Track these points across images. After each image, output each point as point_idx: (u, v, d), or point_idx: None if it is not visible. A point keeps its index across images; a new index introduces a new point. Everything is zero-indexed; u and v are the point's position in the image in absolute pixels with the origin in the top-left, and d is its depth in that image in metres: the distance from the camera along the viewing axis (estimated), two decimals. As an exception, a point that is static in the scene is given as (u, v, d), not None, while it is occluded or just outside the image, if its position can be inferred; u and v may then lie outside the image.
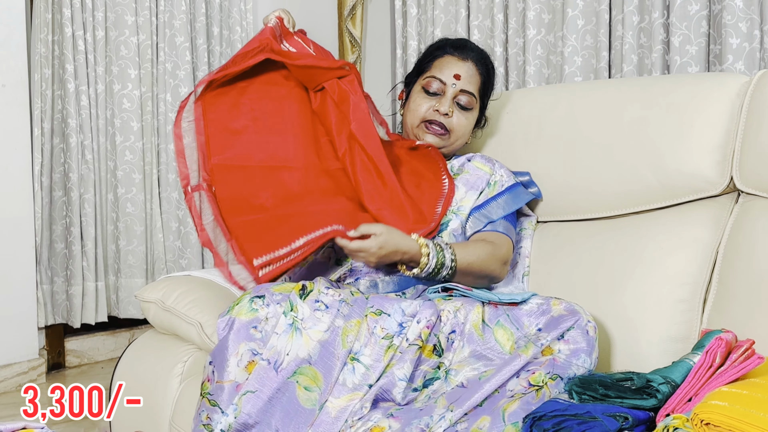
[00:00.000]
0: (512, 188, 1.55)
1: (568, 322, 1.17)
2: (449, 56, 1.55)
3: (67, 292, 2.65)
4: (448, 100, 1.52)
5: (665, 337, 1.33)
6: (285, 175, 1.43)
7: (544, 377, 1.12)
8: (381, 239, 1.28)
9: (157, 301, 1.50)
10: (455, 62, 1.54)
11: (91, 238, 2.64)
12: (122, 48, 2.71)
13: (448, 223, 1.48)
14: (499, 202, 1.51)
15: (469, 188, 1.53)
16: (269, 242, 1.32)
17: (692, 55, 1.90)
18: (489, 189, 1.53)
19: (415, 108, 1.55)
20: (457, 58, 1.54)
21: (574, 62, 2.12)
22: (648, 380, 1.03)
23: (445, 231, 1.48)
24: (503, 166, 1.59)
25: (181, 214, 2.84)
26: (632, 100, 1.51)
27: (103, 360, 2.79)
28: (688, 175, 1.41)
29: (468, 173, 1.55)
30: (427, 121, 1.53)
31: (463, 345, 1.21)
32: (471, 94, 1.54)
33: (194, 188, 1.38)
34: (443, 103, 1.52)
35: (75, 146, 2.60)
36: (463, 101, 1.53)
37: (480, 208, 1.51)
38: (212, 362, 1.16)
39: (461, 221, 1.50)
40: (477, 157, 1.59)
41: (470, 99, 1.54)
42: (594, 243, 1.50)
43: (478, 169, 1.56)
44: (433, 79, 1.54)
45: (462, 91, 1.53)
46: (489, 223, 1.49)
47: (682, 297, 1.35)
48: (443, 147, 1.55)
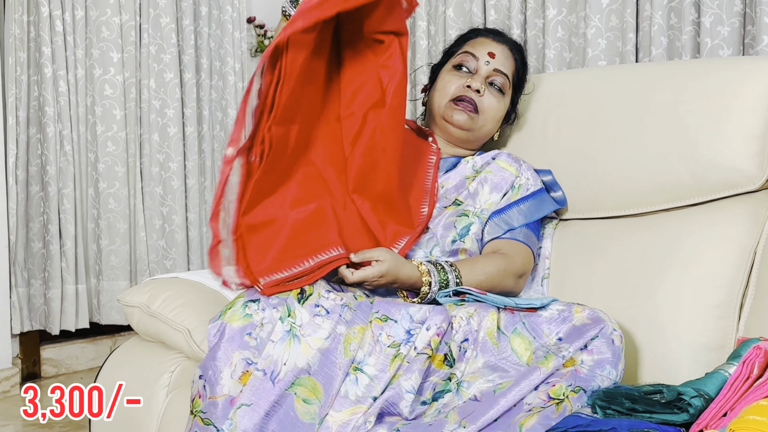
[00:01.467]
0: (538, 193, 1.55)
1: (592, 331, 1.16)
2: (483, 38, 1.59)
3: (45, 295, 2.66)
4: (481, 77, 1.55)
5: (698, 346, 1.32)
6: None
7: (565, 390, 1.12)
8: (383, 267, 1.28)
9: (142, 306, 1.50)
10: (490, 42, 1.58)
11: (71, 236, 2.65)
12: (104, 29, 2.71)
13: (470, 227, 1.48)
14: (521, 209, 1.52)
15: (492, 189, 1.53)
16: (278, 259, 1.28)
17: (724, 37, 1.89)
18: (513, 192, 1.54)
19: (443, 86, 1.57)
20: (492, 39, 1.59)
21: (598, 45, 2.11)
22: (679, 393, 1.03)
23: (466, 236, 1.48)
24: (531, 167, 1.59)
25: (166, 210, 2.84)
26: (662, 86, 1.51)
27: (83, 370, 2.79)
28: (723, 168, 1.41)
29: (491, 173, 1.56)
30: (458, 97, 1.54)
31: (476, 355, 1.21)
32: (505, 76, 1.56)
33: (238, 151, 1.26)
34: (476, 79, 1.55)
35: (53, 137, 2.60)
36: (498, 82, 1.56)
37: (500, 213, 1.51)
38: (203, 376, 1.16)
39: (482, 224, 1.50)
40: (503, 156, 1.59)
41: (504, 80, 1.56)
42: (619, 243, 1.50)
43: (503, 169, 1.56)
44: (467, 54, 1.57)
45: (496, 71, 1.55)
46: (509, 231, 1.49)
47: (717, 301, 1.34)
48: (470, 130, 1.56)
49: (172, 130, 2.84)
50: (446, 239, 1.47)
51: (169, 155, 2.84)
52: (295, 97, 1.29)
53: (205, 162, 2.96)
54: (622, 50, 2.10)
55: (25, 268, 2.65)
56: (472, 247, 1.48)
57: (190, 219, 2.92)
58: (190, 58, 2.86)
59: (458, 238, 1.47)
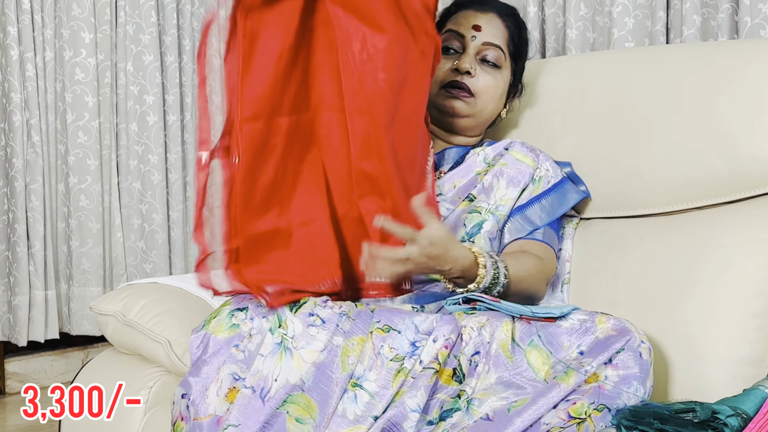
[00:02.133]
0: (560, 185, 1.55)
1: (617, 343, 1.16)
2: (466, 10, 1.57)
3: (11, 302, 2.66)
4: (469, 56, 1.53)
5: (734, 360, 1.32)
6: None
7: (587, 408, 1.11)
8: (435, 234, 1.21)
9: (117, 314, 1.50)
10: (473, 14, 1.56)
11: (40, 237, 2.65)
12: (74, 6, 2.71)
13: (482, 225, 1.48)
14: (544, 204, 1.51)
15: (509, 183, 1.53)
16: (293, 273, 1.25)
17: (766, 15, 1.88)
18: (533, 186, 1.54)
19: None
20: (475, 10, 1.56)
21: (625, 24, 2.11)
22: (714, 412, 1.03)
23: (478, 235, 1.47)
24: (549, 157, 1.59)
25: (145, 208, 2.84)
26: (695, 70, 1.50)
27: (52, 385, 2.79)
28: (764, 162, 1.41)
29: (506, 165, 1.55)
30: (448, 84, 1.53)
31: (488, 369, 1.21)
32: (497, 47, 1.54)
33: (212, 153, 1.21)
34: (464, 59, 1.53)
35: (19, 126, 2.60)
36: (490, 56, 1.54)
37: (522, 210, 1.51)
38: (186, 395, 1.16)
39: (497, 222, 1.49)
40: (516, 145, 1.58)
41: (497, 53, 1.54)
42: (647, 245, 1.50)
43: (519, 161, 1.55)
44: (449, 33, 1.55)
45: (486, 44, 1.53)
46: (534, 230, 1.49)
47: (756, 311, 1.34)
48: (470, 115, 1.55)
49: (152, 118, 2.83)
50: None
51: (149, 147, 2.84)
52: (273, 85, 1.23)
53: (189, 154, 2.96)
54: (652, 30, 2.09)
55: (-12, 272, 2.65)
56: (484, 247, 1.47)
57: (173, 218, 2.91)
58: (171, 38, 2.86)
59: (467, 237, 1.47)
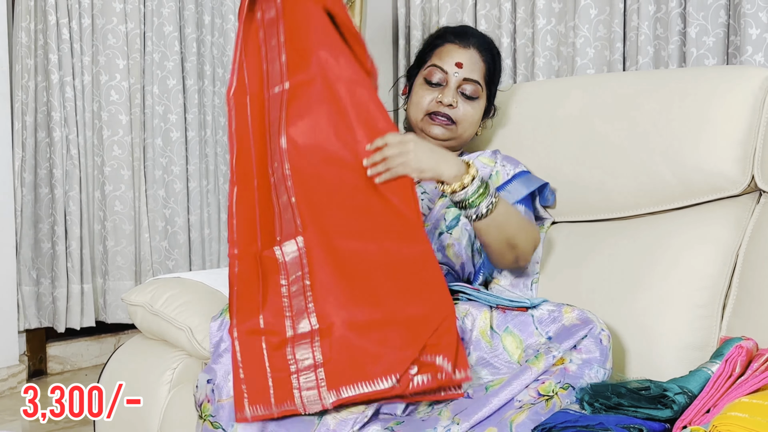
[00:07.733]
0: (520, 174, 1.54)
1: (581, 331, 1.16)
2: (450, 44, 1.54)
3: (53, 294, 2.65)
4: (451, 90, 1.51)
5: (683, 345, 1.32)
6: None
7: (554, 386, 1.12)
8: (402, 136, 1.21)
9: (145, 305, 1.50)
10: (456, 50, 1.53)
11: (76, 237, 2.64)
12: (110, 37, 2.70)
13: (459, 217, 1.47)
14: (509, 189, 1.50)
15: None
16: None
17: (709, 47, 1.90)
18: (495, 178, 1.53)
19: (417, 101, 1.54)
20: (459, 45, 1.54)
21: (587, 54, 2.12)
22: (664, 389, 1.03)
23: (456, 227, 1.46)
24: (510, 159, 1.58)
25: (168, 213, 2.84)
26: (648, 93, 1.51)
27: (87, 367, 2.78)
28: (707, 172, 1.41)
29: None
30: (432, 113, 1.53)
31: (469, 352, 1.21)
32: (476, 82, 1.53)
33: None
34: (446, 93, 1.51)
35: (59, 141, 2.59)
36: (468, 90, 1.52)
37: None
38: (210, 380, 1.16)
39: None
40: (486, 153, 1.59)
41: (475, 87, 1.53)
42: (607, 245, 1.50)
43: (485, 165, 1.56)
44: (434, 68, 1.53)
45: (466, 80, 1.52)
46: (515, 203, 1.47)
47: (701, 302, 1.35)
48: (451, 139, 1.54)
49: (174, 134, 2.83)
50: (434, 233, 1.46)
51: (172, 159, 2.83)
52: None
53: (208, 166, 2.96)
54: (610, 59, 2.10)
55: (34, 267, 2.64)
56: (461, 238, 1.46)
57: (192, 221, 2.91)
58: (191, 65, 2.86)
59: (445, 230, 1.46)
